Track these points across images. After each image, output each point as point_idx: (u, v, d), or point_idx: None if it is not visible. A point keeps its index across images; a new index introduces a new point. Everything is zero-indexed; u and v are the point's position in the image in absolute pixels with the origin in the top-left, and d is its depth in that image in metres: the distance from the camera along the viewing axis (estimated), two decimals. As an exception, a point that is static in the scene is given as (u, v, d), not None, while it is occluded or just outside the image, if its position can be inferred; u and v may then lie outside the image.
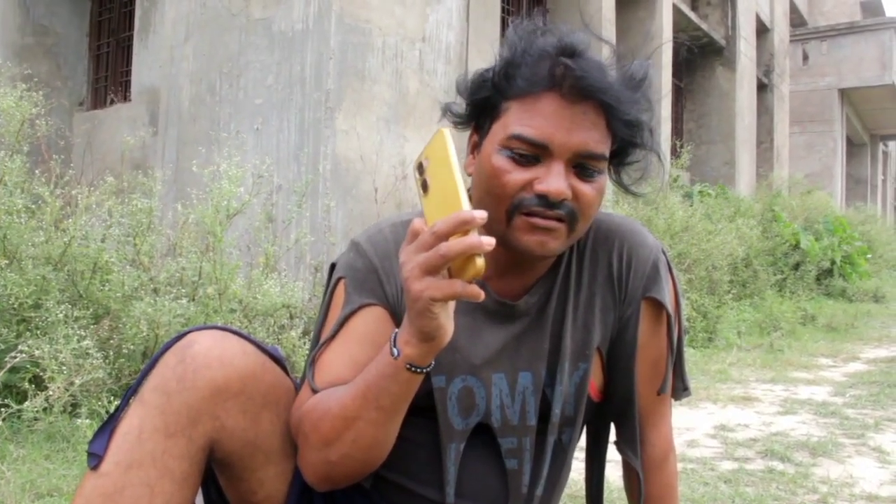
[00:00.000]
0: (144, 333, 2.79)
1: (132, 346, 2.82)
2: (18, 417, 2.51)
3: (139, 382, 1.02)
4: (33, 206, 3.13)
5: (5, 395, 2.45)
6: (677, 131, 10.48)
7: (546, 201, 0.97)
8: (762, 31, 12.31)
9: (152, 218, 3.22)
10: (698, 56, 10.84)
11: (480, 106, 1.05)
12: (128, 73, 6.67)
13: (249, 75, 4.96)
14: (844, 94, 17.77)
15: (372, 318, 1.06)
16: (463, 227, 0.81)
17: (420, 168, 0.88)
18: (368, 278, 1.08)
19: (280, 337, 3.19)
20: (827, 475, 2.59)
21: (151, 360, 1.04)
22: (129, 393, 1.03)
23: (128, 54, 6.71)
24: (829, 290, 9.32)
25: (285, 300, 3.30)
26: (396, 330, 0.93)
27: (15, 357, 2.44)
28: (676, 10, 9.39)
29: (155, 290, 3.02)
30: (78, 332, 2.63)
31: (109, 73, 7.09)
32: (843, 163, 18.49)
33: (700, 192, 8.65)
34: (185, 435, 0.99)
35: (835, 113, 17.54)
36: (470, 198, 1.11)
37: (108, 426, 1.00)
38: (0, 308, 2.71)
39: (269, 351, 1.11)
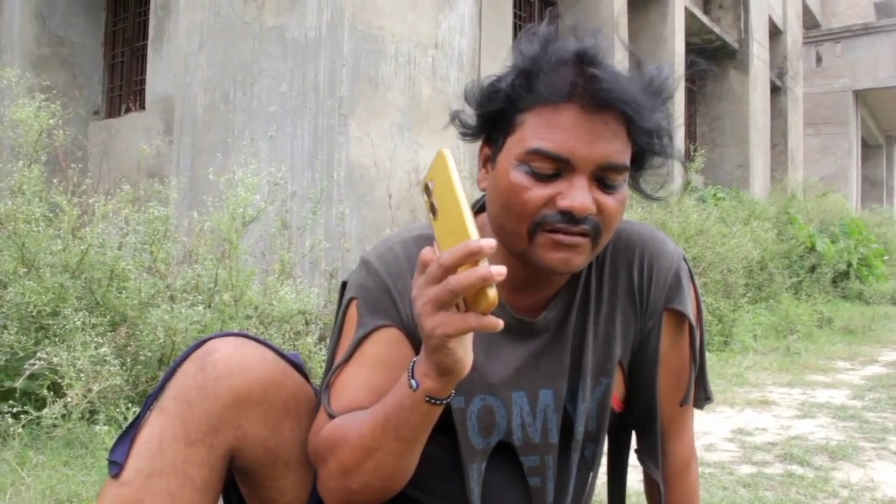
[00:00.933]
0: (161, 340, 2.80)
1: (149, 353, 2.83)
2: (38, 424, 2.52)
3: (159, 390, 1.02)
4: (51, 215, 3.16)
5: (24, 401, 2.46)
6: (691, 135, 10.45)
7: (570, 217, 0.94)
8: (775, 33, 12.26)
9: (168, 226, 3.23)
10: (711, 59, 10.80)
11: (492, 118, 1.00)
12: (142, 82, 6.73)
13: (263, 83, 4.98)
14: (859, 95, 17.66)
15: (386, 341, 1.03)
16: (471, 259, 0.77)
17: (427, 190, 0.85)
18: (381, 299, 1.04)
19: (296, 343, 3.20)
20: (847, 479, 2.56)
21: (171, 367, 1.04)
22: (149, 401, 1.02)
23: (142, 63, 6.77)
24: (846, 293, 9.26)
25: (301, 306, 3.30)
26: (415, 359, 0.90)
27: (34, 364, 2.46)
28: (688, 14, 9.37)
29: (171, 298, 3.04)
30: (95, 339, 2.65)
31: (124, 82, 7.16)
32: (859, 165, 18.36)
33: (714, 195, 8.61)
34: (205, 443, 0.99)
35: (849, 115, 17.43)
36: (483, 208, 1.08)
37: (129, 434, 1.00)
38: (19, 315, 2.73)
39: (289, 357, 1.10)
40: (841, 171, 17.17)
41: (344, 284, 1.12)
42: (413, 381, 0.88)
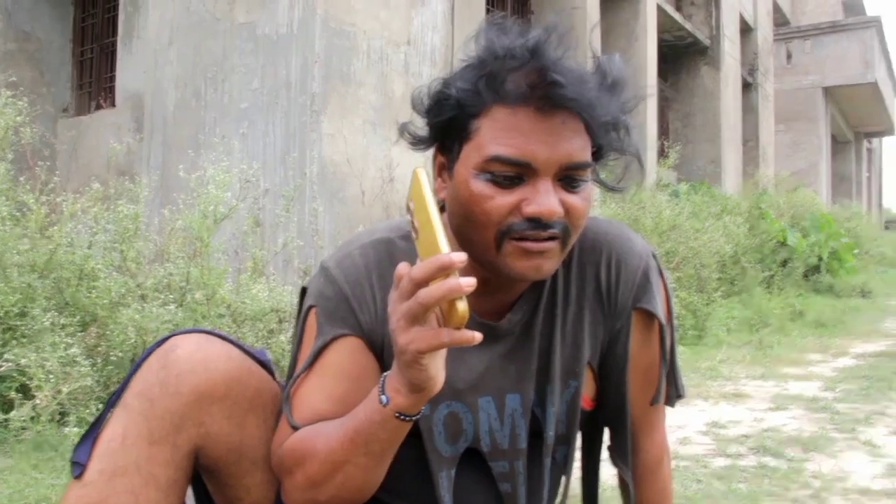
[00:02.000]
0: (132, 340, 2.76)
1: (120, 354, 2.79)
2: (5, 427, 2.48)
3: (123, 388, 1.00)
4: (18, 214, 3.10)
5: (-9, 404, 2.42)
6: (663, 131, 10.52)
7: (538, 223, 0.90)
8: (746, 30, 12.38)
9: (138, 224, 3.19)
10: (683, 56, 10.88)
11: (444, 126, 0.96)
12: (112, 78, 6.63)
13: (234, 79, 4.93)
14: (828, 92, 17.90)
15: (346, 350, 1.01)
16: (441, 272, 0.76)
17: (409, 210, 0.85)
18: (340, 307, 1.02)
19: (269, 341, 3.17)
20: (819, 470, 2.59)
21: (135, 364, 1.02)
22: (112, 399, 1.01)
23: (112, 60, 6.67)
24: (817, 287, 9.37)
25: (274, 304, 3.28)
26: (386, 373, 0.89)
27: (1, 366, 2.41)
28: (660, 11, 9.42)
29: (142, 297, 3.00)
30: (65, 339, 2.60)
31: (93, 79, 7.05)
32: (829, 160, 18.61)
33: (686, 191, 8.68)
34: (169, 441, 0.97)
35: (819, 111, 17.66)
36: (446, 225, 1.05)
37: (92, 434, 0.98)
38: (-15, 317, 2.68)
39: (255, 354, 1.08)
40: (811, 166, 17.38)
41: (304, 291, 1.10)
42: (383, 397, 0.87)
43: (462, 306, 0.77)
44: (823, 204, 13.94)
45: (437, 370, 0.84)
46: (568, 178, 0.92)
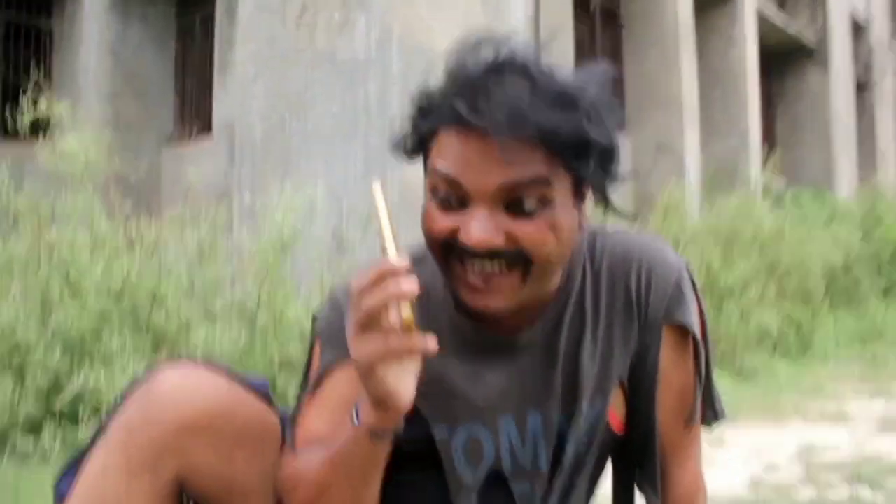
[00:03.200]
0: (201, 361, 2.83)
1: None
2: (74, 446, 2.58)
3: (108, 419, 1.00)
4: (104, 241, 3.25)
5: (66, 423, 2.52)
6: (768, 136, 10.07)
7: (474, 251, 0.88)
8: (858, 28, 11.73)
9: (214, 248, 3.29)
10: (787, 59, 10.41)
11: (417, 145, 0.96)
12: (210, 110, 6.95)
13: (316, 106, 5.05)
14: (956, 88, 16.69)
15: (346, 376, 0.99)
16: (385, 277, 0.75)
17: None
18: (343, 333, 0.98)
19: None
20: (920, 501, 2.36)
21: (120, 396, 1.02)
22: (97, 430, 1.01)
23: (210, 93, 7.00)
24: (945, 297, 8.68)
25: (344, 324, 3.29)
26: None
27: (75, 387, 2.52)
28: (760, 14, 9.06)
29: (212, 319, 3.08)
30: (136, 360, 2.70)
31: (193, 111, 7.41)
32: (960, 161, 17.32)
33: (792, 197, 8.24)
34: (149, 472, 0.96)
35: (946, 109, 16.47)
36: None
37: (76, 465, 0.99)
38: (63, 339, 2.80)
39: (253, 385, 1.06)
40: (939, 168, 16.21)
41: (315, 319, 1.09)
42: (356, 417, 0.85)
43: (405, 311, 0.75)
44: (953, 208, 12.95)
45: (398, 384, 0.80)
46: (516, 201, 0.87)
